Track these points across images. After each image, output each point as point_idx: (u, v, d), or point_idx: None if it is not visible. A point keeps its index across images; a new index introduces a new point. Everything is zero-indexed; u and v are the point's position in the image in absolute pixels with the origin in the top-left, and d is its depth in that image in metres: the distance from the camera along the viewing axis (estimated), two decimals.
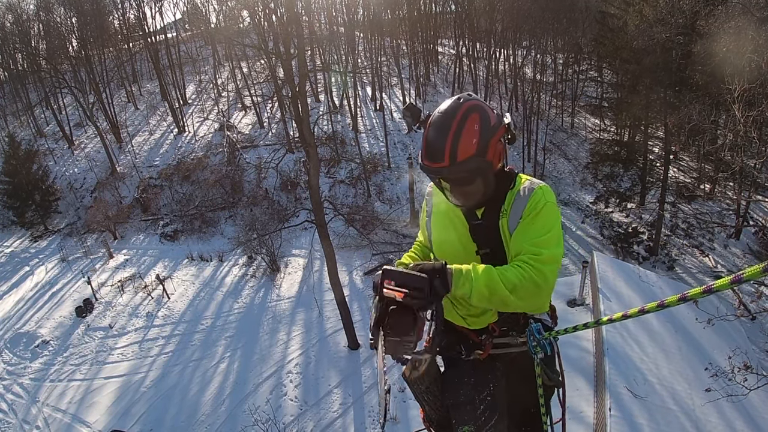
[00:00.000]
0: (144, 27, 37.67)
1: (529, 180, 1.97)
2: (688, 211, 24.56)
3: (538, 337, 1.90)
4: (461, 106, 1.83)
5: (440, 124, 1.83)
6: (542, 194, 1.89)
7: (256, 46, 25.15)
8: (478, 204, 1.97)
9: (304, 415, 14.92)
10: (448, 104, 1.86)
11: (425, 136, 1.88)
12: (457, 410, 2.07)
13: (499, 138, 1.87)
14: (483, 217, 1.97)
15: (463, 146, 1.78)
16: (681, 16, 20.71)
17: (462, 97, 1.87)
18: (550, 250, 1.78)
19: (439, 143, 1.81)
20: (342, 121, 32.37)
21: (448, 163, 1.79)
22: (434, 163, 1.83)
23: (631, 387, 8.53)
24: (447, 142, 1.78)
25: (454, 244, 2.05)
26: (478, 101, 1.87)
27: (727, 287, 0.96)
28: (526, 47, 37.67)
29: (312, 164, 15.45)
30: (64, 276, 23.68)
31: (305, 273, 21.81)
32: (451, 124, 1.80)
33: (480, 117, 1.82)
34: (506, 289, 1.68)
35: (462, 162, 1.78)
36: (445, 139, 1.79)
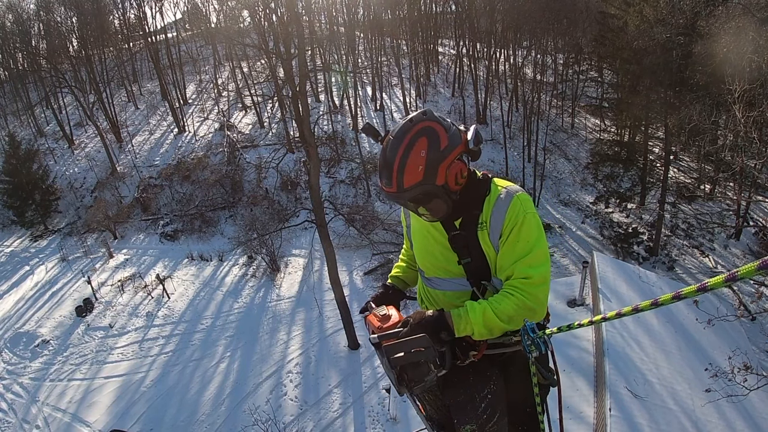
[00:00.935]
0: (144, 27, 37.69)
1: (505, 188, 1.93)
2: (689, 212, 24.56)
3: (532, 336, 1.87)
4: (410, 130, 1.80)
5: (389, 149, 1.81)
6: (520, 205, 1.86)
7: (256, 46, 25.21)
8: (451, 216, 1.95)
9: (304, 414, 14.93)
10: (400, 126, 1.84)
11: (378, 158, 1.88)
12: (458, 410, 2.07)
13: (453, 160, 1.83)
14: (461, 228, 1.96)
15: (408, 173, 1.77)
16: (681, 16, 20.73)
17: (414, 118, 1.84)
18: (540, 271, 1.81)
19: (387, 170, 1.81)
20: (342, 121, 32.38)
21: (395, 189, 1.80)
22: (385, 188, 1.84)
23: (631, 387, 8.53)
24: (393, 170, 1.78)
25: (436, 255, 2.05)
26: (431, 122, 1.82)
27: (722, 285, 0.96)
28: (526, 47, 37.70)
29: (312, 164, 15.45)
30: (64, 275, 23.67)
31: (305, 273, 21.81)
32: (398, 149, 1.78)
33: (428, 142, 1.79)
34: (503, 322, 1.78)
35: (408, 189, 1.79)
36: (392, 166, 1.79)
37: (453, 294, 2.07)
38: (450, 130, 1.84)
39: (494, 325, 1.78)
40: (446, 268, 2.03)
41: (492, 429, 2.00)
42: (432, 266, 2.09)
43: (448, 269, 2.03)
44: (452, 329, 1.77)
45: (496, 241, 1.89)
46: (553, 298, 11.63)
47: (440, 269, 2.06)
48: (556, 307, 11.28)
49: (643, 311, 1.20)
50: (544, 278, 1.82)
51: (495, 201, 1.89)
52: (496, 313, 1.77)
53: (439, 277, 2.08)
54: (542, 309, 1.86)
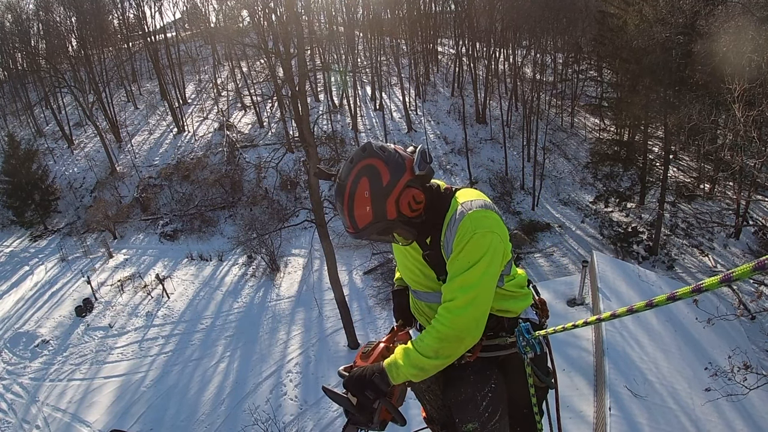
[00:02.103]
0: (143, 26, 37.71)
1: (461, 204, 1.84)
2: (688, 211, 24.57)
3: (527, 337, 1.87)
4: (350, 172, 1.81)
5: (337, 194, 1.86)
6: (470, 224, 1.76)
7: (255, 46, 25.16)
8: (421, 236, 1.95)
9: (303, 414, 14.93)
10: (343, 168, 1.86)
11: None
12: (460, 408, 2.06)
13: (400, 191, 1.80)
14: (431, 246, 1.93)
15: (358, 216, 1.81)
16: (681, 15, 20.72)
17: (354, 158, 1.83)
18: (468, 293, 1.72)
19: (341, 213, 1.86)
20: (342, 121, 32.38)
21: (353, 230, 1.85)
22: (346, 229, 1.90)
23: (631, 386, 8.53)
24: (345, 214, 1.83)
25: (414, 271, 2.06)
26: (370, 159, 1.80)
27: (717, 286, 0.96)
28: (525, 47, 37.73)
29: (312, 164, 15.45)
30: (64, 275, 23.66)
31: (305, 272, 21.82)
32: (344, 196, 1.81)
33: (369, 181, 1.78)
34: (429, 358, 1.72)
35: (364, 229, 1.83)
36: (343, 210, 1.83)
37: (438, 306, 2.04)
38: (390, 163, 1.81)
39: (421, 362, 1.73)
40: (427, 284, 2.04)
41: (494, 427, 1.99)
42: (413, 281, 2.11)
43: (429, 285, 2.03)
44: (388, 379, 1.79)
45: (448, 255, 1.87)
46: (552, 297, 11.64)
47: (421, 284, 2.06)
48: (556, 307, 11.29)
49: (638, 312, 1.19)
50: (470, 300, 1.72)
51: (449, 220, 1.85)
52: (420, 351, 1.73)
53: (422, 290, 2.08)
54: (471, 336, 1.75)
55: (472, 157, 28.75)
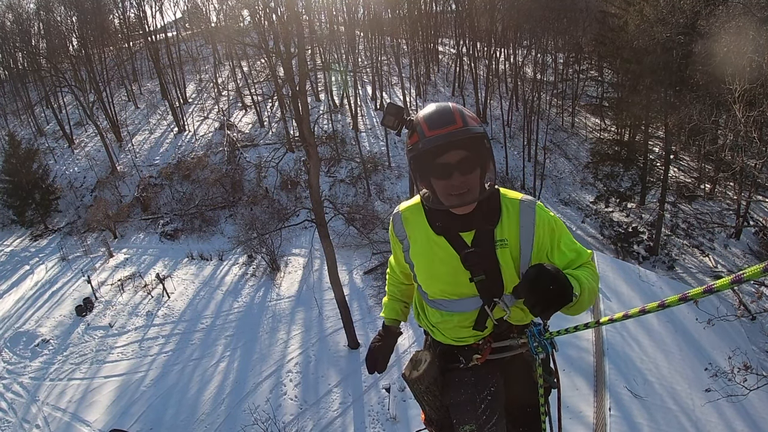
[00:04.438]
0: (144, 26, 37.69)
1: (519, 200, 1.85)
2: (689, 211, 24.56)
3: (539, 338, 1.86)
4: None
5: (438, 104, 1.78)
6: (544, 213, 1.84)
7: (256, 45, 25.13)
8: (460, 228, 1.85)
9: (303, 414, 14.93)
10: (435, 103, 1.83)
11: (424, 116, 1.77)
12: (458, 409, 2.06)
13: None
14: (474, 244, 1.83)
15: (468, 115, 1.73)
16: (681, 15, 20.71)
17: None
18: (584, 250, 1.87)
19: (445, 112, 1.72)
20: (342, 120, 32.36)
21: (461, 124, 1.69)
22: (445, 127, 1.69)
23: (631, 387, 8.53)
24: (453, 110, 1.72)
25: (444, 276, 1.90)
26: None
27: (728, 287, 0.96)
28: (526, 47, 37.70)
29: (312, 163, 15.44)
30: (64, 275, 23.67)
31: (305, 272, 21.81)
32: (449, 103, 1.77)
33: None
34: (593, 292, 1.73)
35: (473, 126, 1.71)
36: (449, 109, 1.73)
37: (460, 316, 1.97)
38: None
39: (592, 294, 1.72)
40: (455, 290, 1.91)
41: (491, 430, 1.99)
42: (438, 289, 1.95)
43: (457, 290, 1.91)
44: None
45: (528, 254, 1.83)
46: None
47: (447, 291, 1.93)
48: None
49: (650, 312, 1.18)
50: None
51: (519, 217, 1.82)
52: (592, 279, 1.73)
53: (447, 299, 1.95)
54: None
55: None
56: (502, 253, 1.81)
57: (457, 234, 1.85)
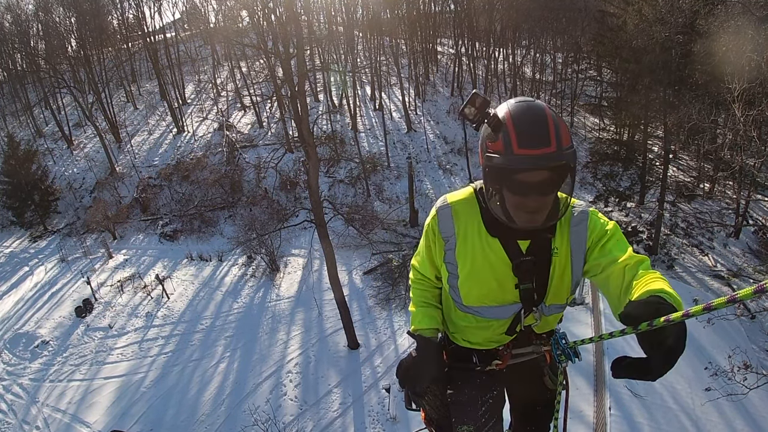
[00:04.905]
0: (143, 27, 37.68)
1: (573, 207, 1.77)
2: (688, 210, 24.56)
3: (563, 346, 1.82)
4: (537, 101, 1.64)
5: (532, 108, 1.58)
6: (596, 218, 1.77)
7: (255, 46, 25.16)
8: (516, 236, 1.74)
9: (303, 414, 14.92)
10: (521, 98, 1.66)
11: (514, 123, 1.56)
12: (459, 409, 2.05)
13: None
14: (529, 253, 1.75)
15: (563, 131, 1.56)
16: (680, 15, 20.72)
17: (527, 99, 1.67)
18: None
19: (540, 126, 1.54)
20: (341, 121, 32.36)
21: (555, 147, 1.52)
22: (538, 148, 1.52)
23: (631, 386, 8.53)
24: (549, 125, 1.54)
25: (488, 282, 1.79)
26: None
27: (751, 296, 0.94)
28: (525, 46, 37.71)
29: (311, 164, 15.44)
30: (64, 276, 23.65)
31: (305, 273, 21.80)
32: (544, 109, 1.58)
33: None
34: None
35: (567, 147, 1.55)
36: (546, 122, 1.54)
37: (496, 322, 1.89)
38: None
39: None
40: (496, 297, 1.81)
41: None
42: (479, 294, 1.82)
43: (499, 297, 1.81)
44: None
45: (580, 263, 1.76)
46: None
47: (488, 298, 1.82)
48: None
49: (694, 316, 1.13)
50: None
51: (569, 224, 1.76)
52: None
53: (486, 305, 1.84)
54: None
55: (471, 157, 28.73)
56: (557, 261, 1.76)
57: (514, 240, 1.74)
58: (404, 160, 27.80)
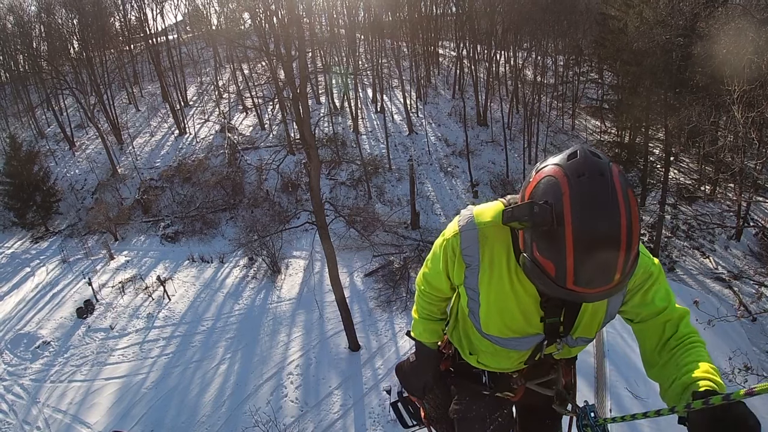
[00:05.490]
0: (145, 29, 37.73)
1: None
2: (689, 213, 24.56)
3: (591, 421, 1.67)
4: (615, 188, 1.22)
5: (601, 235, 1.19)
6: (643, 256, 1.58)
7: (257, 48, 25.23)
8: None
9: (304, 416, 14.93)
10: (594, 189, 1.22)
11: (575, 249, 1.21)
12: (467, 424, 2.02)
13: None
14: None
15: (634, 250, 1.25)
16: (681, 17, 20.75)
17: (600, 168, 1.25)
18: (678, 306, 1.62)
19: (605, 266, 1.22)
20: (343, 123, 32.41)
21: (618, 281, 1.25)
22: (597, 289, 1.26)
23: (632, 388, 8.53)
24: (618, 261, 1.21)
25: (513, 314, 1.63)
26: (612, 161, 1.31)
27: None
28: (526, 49, 37.71)
29: (313, 166, 15.47)
30: (65, 277, 23.68)
31: (306, 274, 21.81)
32: (620, 230, 1.19)
33: (633, 189, 1.30)
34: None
35: (631, 270, 1.28)
36: (615, 257, 1.20)
37: (516, 353, 1.79)
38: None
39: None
40: (519, 329, 1.67)
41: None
42: (502, 325, 1.67)
43: (522, 329, 1.67)
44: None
45: (617, 304, 1.61)
46: None
47: (511, 329, 1.67)
48: None
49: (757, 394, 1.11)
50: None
51: None
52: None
53: (507, 337, 1.70)
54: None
55: (473, 159, 28.76)
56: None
57: None
58: (405, 163, 27.84)
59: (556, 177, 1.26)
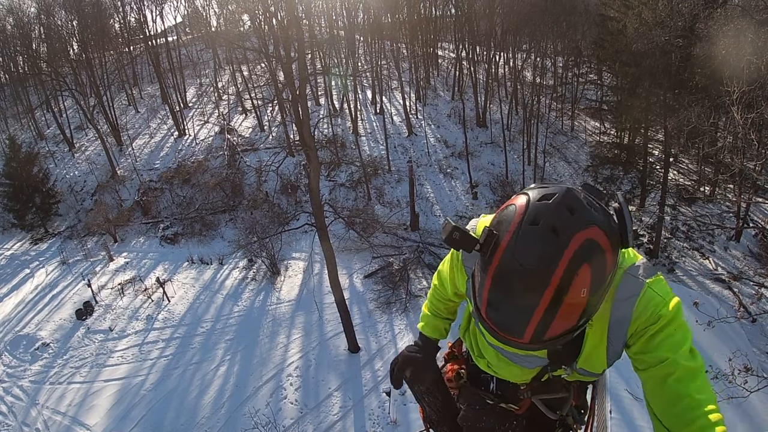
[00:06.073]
0: (145, 30, 37.80)
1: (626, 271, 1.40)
2: (688, 214, 24.57)
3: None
4: (561, 256, 1.09)
5: (518, 287, 1.13)
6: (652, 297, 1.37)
7: (256, 50, 25.24)
8: None
9: (303, 418, 14.90)
10: (534, 242, 1.12)
11: (487, 288, 1.19)
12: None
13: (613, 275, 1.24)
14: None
15: (555, 325, 1.16)
16: (680, 18, 20.78)
17: (561, 225, 1.11)
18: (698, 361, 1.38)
19: (514, 317, 1.18)
20: (342, 125, 32.42)
21: (527, 340, 1.20)
22: (505, 334, 1.22)
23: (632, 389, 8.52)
24: (530, 322, 1.15)
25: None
26: (591, 229, 1.13)
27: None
28: (525, 50, 37.75)
29: (312, 167, 15.47)
30: (65, 278, 23.66)
31: (305, 276, 21.80)
32: (541, 296, 1.11)
33: (593, 272, 1.12)
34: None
35: (549, 340, 1.20)
36: (528, 312, 1.14)
37: (519, 369, 1.75)
38: (611, 235, 1.17)
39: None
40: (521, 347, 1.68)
41: None
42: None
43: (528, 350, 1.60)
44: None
45: (620, 345, 1.48)
46: None
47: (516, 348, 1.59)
48: None
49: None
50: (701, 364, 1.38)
51: (616, 291, 1.39)
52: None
53: (513, 353, 1.67)
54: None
55: (472, 161, 28.76)
56: (590, 332, 1.49)
57: None
58: (405, 164, 27.84)
59: (516, 211, 1.18)
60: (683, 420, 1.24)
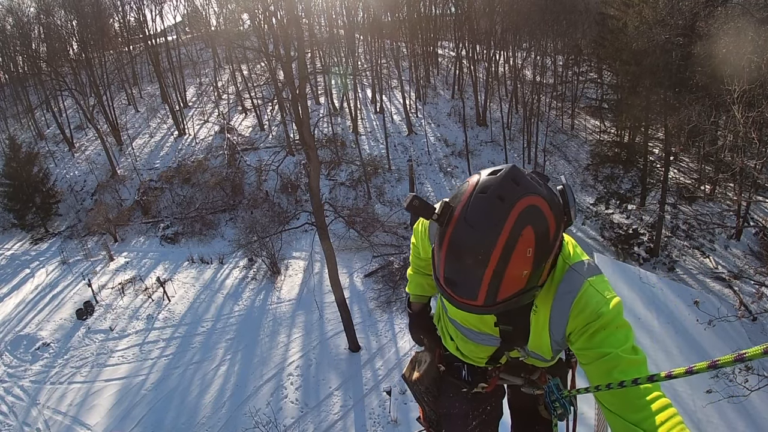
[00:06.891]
0: (144, 30, 37.77)
1: (569, 264, 1.49)
2: (689, 212, 24.55)
3: (557, 395, 1.70)
4: (506, 218, 1.20)
5: (469, 247, 1.23)
6: (591, 296, 1.44)
7: (256, 49, 25.22)
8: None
9: (304, 417, 14.90)
10: (480, 206, 1.24)
11: (443, 254, 1.28)
12: (450, 421, 2.05)
13: (559, 245, 1.38)
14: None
15: (506, 285, 1.24)
16: (680, 17, 20.75)
17: (505, 194, 1.23)
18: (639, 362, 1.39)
19: (467, 277, 1.26)
20: (342, 124, 32.40)
21: (481, 303, 1.28)
22: (461, 298, 1.31)
23: None
24: (483, 281, 1.24)
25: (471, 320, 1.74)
26: (532, 197, 1.24)
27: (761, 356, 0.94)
28: (525, 49, 37.72)
29: (312, 166, 15.46)
30: (65, 278, 23.68)
31: (306, 275, 21.81)
32: (489, 255, 1.20)
33: (536, 233, 1.23)
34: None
35: (502, 301, 1.28)
36: (479, 275, 1.23)
37: (477, 347, 1.83)
38: (553, 204, 1.28)
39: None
40: (476, 324, 1.73)
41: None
42: (463, 318, 1.75)
43: (479, 326, 1.73)
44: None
45: (559, 336, 1.54)
46: None
47: (469, 321, 1.74)
48: None
49: (699, 373, 1.10)
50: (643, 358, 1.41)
51: (558, 286, 1.47)
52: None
53: (466, 326, 1.77)
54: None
55: (472, 160, 28.76)
56: (534, 319, 1.57)
57: None
58: (405, 163, 27.84)
59: (468, 185, 1.31)
60: (634, 406, 1.29)
